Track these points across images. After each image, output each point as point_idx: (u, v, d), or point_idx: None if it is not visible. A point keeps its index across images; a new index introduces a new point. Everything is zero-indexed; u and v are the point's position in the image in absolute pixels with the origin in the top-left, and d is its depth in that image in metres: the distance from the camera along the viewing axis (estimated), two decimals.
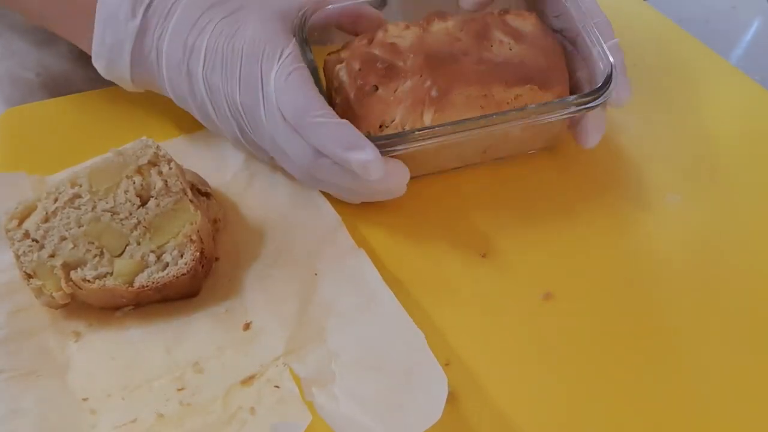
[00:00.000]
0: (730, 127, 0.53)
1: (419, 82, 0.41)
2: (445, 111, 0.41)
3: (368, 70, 0.42)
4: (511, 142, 0.46)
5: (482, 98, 0.42)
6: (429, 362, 0.32)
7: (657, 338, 0.38)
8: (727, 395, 0.35)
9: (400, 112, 0.41)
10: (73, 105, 0.53)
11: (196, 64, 0.41)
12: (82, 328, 0.38)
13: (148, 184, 0.39)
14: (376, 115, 0.41)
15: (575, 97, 0.42)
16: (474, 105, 0.42)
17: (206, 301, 0.39)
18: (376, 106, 0.41)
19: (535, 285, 0.40)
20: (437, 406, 0.31)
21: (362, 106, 0.42)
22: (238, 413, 0.33)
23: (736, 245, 0.43)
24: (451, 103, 0.41)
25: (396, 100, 0.41)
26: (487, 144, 0.45)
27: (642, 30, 0.64)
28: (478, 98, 0.42)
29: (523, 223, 0.44)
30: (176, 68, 0.41)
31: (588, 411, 0.35)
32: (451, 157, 0.46)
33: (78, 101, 0.53)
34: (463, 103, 0.41)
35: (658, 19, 0.65)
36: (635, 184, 0.47)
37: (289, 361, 0.35)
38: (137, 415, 0.34)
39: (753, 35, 0.95)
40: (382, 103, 0.41)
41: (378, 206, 0.45)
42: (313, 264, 0.40)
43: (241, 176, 0.46)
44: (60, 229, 0.37)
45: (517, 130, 0.44)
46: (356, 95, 0.42)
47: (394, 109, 0.41)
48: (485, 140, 0.44)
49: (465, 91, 0.41)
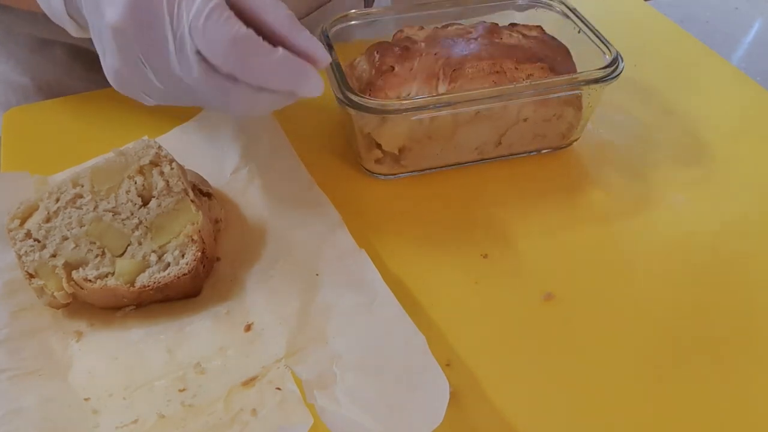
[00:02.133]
0: (731, 128, 0.53)
1: (433, 59, 0.44)
2: (457, 83, 0.44)
3: (385, 55, 0.45)
4: (524, 131, 0.47)
5: (494, 74, 0.44)
6: (430, 365, 0.32)
7: (657, 338, 0.38)
8: (727, 395, 0.36)
9: (416, 85, 0.44)
10: (75, 105, 0.53)
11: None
12: (84, 327, 0.38)
13: (149, 184, 0.39)
14: (393, 90, 0.44)
15: (585, 73, 0.44)
16: (486, 80, 0.44)
17: (207, 302, 0.39)
18: (393, 80, 0.44)
19: (536, 285, 0.40)
20: (439, 409, 0.31)
21: (380, 82, 0.44)
22: (240, 415, 0.33)
23: (737, 245, 0.43)
24: (463, 75, 0.44)
25: (411, 76, 0.44)
26: (502, 129, 0.46)
27: (643, 30, 0.64)
28: (491, 74, 0.44)
29: (524, 224, 0.44)
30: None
31: (588, 411, 0.35)
32: (469, 144, 0.47)
33: (79, 102, 0.53)
34: (476, 77, 0.44)
35: (660, 20, 0.66)
36: (636, 184, 0.47)
37: (290, 363, 0.35)
38: (139, 415, 0.34)
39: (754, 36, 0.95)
40: (398, 78, 0.44)
41: (379, 207, 0.45)
42: (314, 264, 0.40)
43: (240, 174, 0.46)
44: (62, 229, 0.37)
45: (530, 111, 0.45)
46: (375, 75, 0.44)
47: (410, 83, 0.44)
48: (499, 120, 0.45)
49: (477, 65, 0.44)
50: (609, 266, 0.42)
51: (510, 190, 0.47)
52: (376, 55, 0.45)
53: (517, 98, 0.43)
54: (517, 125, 0.46)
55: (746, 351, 0.38)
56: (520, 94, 0.43)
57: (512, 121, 0.46)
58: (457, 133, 0.45)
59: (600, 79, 0.44)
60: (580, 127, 0.48)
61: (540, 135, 0.48)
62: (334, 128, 0.51)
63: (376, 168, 0.47)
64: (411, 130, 0.44)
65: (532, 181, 0.47)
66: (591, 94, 0.46)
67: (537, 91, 0.43)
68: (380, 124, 0.44)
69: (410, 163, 0.46)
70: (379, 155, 0.46)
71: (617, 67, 0.44)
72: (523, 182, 0.47)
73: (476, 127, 0.45)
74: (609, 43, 0.46)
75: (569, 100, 0.46)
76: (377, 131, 0.44)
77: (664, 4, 0.76)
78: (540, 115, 0.46)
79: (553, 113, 0.46)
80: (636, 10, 0.67)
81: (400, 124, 0.43)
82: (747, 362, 0.37)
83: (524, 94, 0.43)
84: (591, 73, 0.44)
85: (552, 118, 0.47)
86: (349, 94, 0.42)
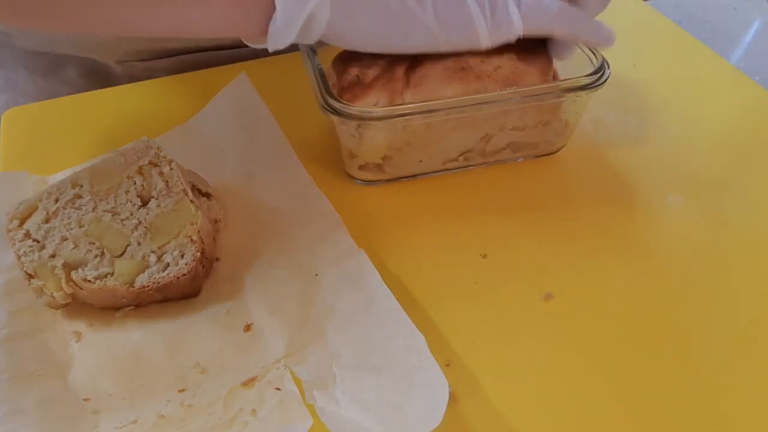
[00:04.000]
0: (729, 128, 0.53)
1: (392, 61, 0.42)
2: (421, 86, 0.42)
3: (348, 64, 0.43)
4: (509, 138, 0.46)
5: (460, 71, 0.42)
6: (430, 366, 0.32)
7: (657, 338, 0.38)
8: (727, 395, 0.36)
9: (382, 93, 0.42)
10: (75, 105, 0.53)
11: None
12: (83, 328, 0.38)
13: (149, 185, 0.39)
14: (359, 100, 0.42)
15: (571, 80, 0.43)
16: (452, 78, 0.42)
17: (207, 302, 0.39)
18: (358, 90, 0.42)
19: (536, 285, 0.40)
20: (438, 409, 0.31)
21: (347, 94, 0.42)
22: (240, 415, 0.33)
23: (736, 245, 0.43)
24: (425, 76, 0.42)
25: (376, 83, 0.42)
26: (485, 135, 0.45)
27: (642, 30, 0.64)
28: (456, 71, 0.42)
29: (524, 224, 0.44)
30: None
31: (588, 411, 0.35)
32: (453, 151, 0.46)
33: (79, 102, 0.53)
34: (440, 76, 0.42)
35: (658, 20, 0.66)
36: (635, 184, 0.47)
37: (290, 363, 0.35)
38: (138, 415, 0.34)
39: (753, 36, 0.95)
40: (362, 87, 0.42)
41: (378, 207, 0.45)
42: (313, 265, 0.40)
43: (239, 174, 0.46)
44: (61, 229, 0.37)
45: (514, 117, 0.44)
46: (341, 85, 0.43)
47: (375, 91, 0.42)
48: (481, 128, 0.44)
49: (440, 64, 0.42)
50: (608, 266, 0.42)
51: (505, 193, 0.46)
52: (341, 65, 0.44)
53: (499, 107, 0.42)
54: (502, 132, 0.45)
55: (746, 351, 0.38)
56: (503, 102, 0.41)
57: (495, 128, 0.45)
58: (437, 140, 0.44)
59: (586, 86, 0.43)
60: (567, 134, 0.48)
61: (525, 142, 0.47)
62: (323, 134, 0.51)
63: (361, 174, 0.46)
64: (388, 139, 0.43)
65: (531, 181, 0.47)
66: (577, 101, 0.45)
67: (520, 98, 0.42)
68: (358, 137, 0.43)
69: (393, 170, 0.46)
70: (362, 162, 0.45)
71: (603, 73, 0.43)
72: (521, 182, 0.47)
73: (457, 134, 0.44)
74: (596, 49, 0.44)
75: (554, 108, 0.45)
76: (356, 146, 0.43)
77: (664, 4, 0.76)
78: (524, 122, 0.45)
79: (539, 120, 0.45)
80: (635, 10, 0.67)
81: (377, 135, 0.42)
82: (747, 362, 0.37)
83: (507, 101, 0.41)
84: (576, 80, 0.43)
85: (538, 125, 0.46)
86: (331, 101, 0.41)
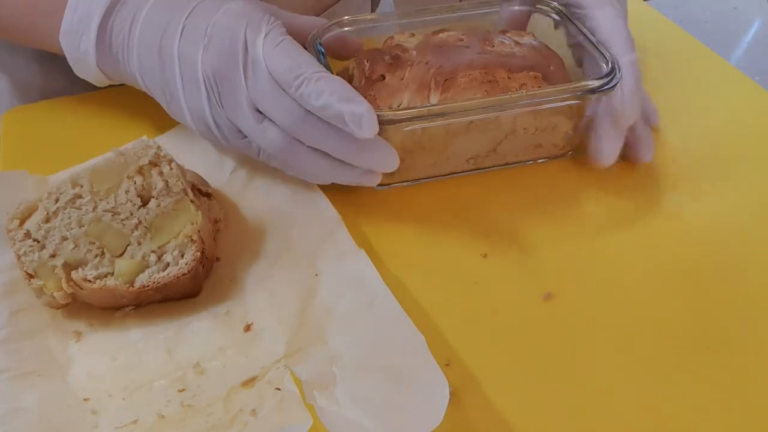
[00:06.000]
0: (730, 128, 0.53)
1: (424, 68, 0.43)
2: (449, 93, 0.43)
3: (376, 63, 0.44)
4: (520, 141, 0.46)
5: (487, 83, 0.43)
6: (430, 366, 0.32)
7: (658, 339, 0.38)
8: (727, 395, 0.36)
9: (407, 96, 0.43)
10: (75, 105, 0.53)
11: (172, 39, 0.41)
12: (83, 328, 0.38)
13: (149, 185, 0.39)
14: (384, 100, 0.43)
15: (580, 84, 0.43)
16: (479, 89, 0.43)
17: (207, 302, 0.39)
18: (384, 91, 0.43)
19: (536, 285, 0.40)
20: (439, 409, 0.31)
21: (371, 92, 0.43)
22: (239, 415, 0.33)
23: (737, 245, 0.43)
24: (455, 84, 0.43)
25: (403, 86, 0.43)
26: (497, 139, 0.45)
27: (642, 30, 0.64)
28: (483, 83, 0.43)
29: (524, 224, 0.44)
30: (148, 45, 0.42)
31: (588, 411, 0.35)
32: (464, 155, 0.46)
33: (79, 102, 0.53)
34: (468, 86, 0.43)
35: (659, 20, 0.66)
36: (636, 184, 0.47)
37: (290, 363, 0.35)
38: (138, 415, 0.34)
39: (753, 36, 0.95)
40: (389, 89, 0.43)
41: (378, 207, 0.45)
42: (313, 264, 0.40)
43: (239, 173, 0.46)
44: (61, 229, 0.37)
45: (525, 121, 0.44)
46: (365, 84, 0.43)
47: (401, 93, 0.43)
48: (493, 131, 0.45)
49: (469, 74, 0.43)
50: (609, 266, 0.42)
51: (509, 195, 0.46)
52: (366, 63, 0.44)
53: (512, 108, 0.42)
54: (513, 135, 0.45)
55: (747, 351, 0.38)
56: (515, 105, 0.42)
57: (507, 131, 0.45)
58: (451, 143, 0.44)
59: (597, 89, 0.42)
60: (576, 137, 0.47)
61: (536, 145, 0.47)
62: None
63: None
64: (403, 142, 0.43)
65: (531, 186, 0.47)
66: (587, 104, 0.45)
67: (532, 101, 0.42)
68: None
69: (404, 173, 0.45)
70: None
71: (614, 77, 0.43)
72: (521, 188, 0.47)
73: (470, 137, 0.44)
74: (606, 51, 0.44)
75: (565, 110, 0.45)
76: None
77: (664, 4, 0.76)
78: (535, 126, 0.45)
79: (549, 123, 0.45)
80: (635, 10, 0.67)
81: (392, 137, 0.42)
82: (747, 363, 0.37)
83: (520, 104, 0.42)
84: (587, 83, 0.43)
85: (547, 128, 0.46)
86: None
